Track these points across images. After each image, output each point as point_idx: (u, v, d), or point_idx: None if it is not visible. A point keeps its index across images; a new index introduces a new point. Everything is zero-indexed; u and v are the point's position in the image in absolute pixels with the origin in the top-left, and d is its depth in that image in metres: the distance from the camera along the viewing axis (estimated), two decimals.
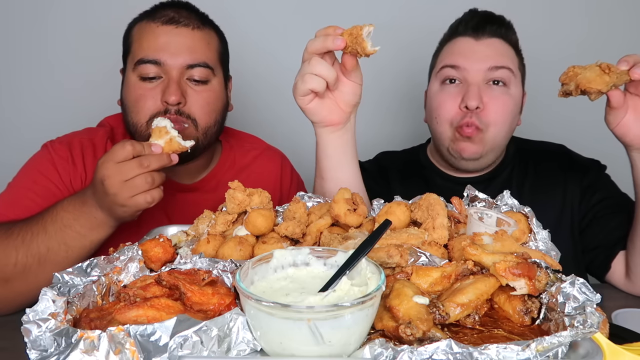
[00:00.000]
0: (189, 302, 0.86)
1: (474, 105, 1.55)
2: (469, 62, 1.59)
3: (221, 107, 1.59)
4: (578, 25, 2.34)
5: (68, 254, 1.27)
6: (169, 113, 1.45)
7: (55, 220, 1.27)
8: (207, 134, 1.54)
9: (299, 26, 2.22)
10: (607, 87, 1.19)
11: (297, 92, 1.25)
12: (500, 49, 1.61)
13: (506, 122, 1.61)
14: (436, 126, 1.66)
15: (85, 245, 1.29)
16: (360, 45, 1.12)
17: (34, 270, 1.27)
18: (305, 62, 1.22)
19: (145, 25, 1.52)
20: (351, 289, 0.77)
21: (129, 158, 1.20)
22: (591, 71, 1.20)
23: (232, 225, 1.20)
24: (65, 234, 1.26)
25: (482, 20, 1.63)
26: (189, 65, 1.49)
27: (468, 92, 1.57)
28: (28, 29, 2.26)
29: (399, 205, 1.11)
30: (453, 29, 1.69)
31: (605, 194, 1.63)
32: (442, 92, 1.64)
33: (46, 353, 0.72)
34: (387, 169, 1.80)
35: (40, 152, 1.54)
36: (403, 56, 2.33)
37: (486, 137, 1.59)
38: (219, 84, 1.58)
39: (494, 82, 1.59)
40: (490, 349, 0.69)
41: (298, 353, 0.73)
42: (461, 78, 1.61)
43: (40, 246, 1.26)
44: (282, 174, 1.81)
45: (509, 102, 1.60)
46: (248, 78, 2.26)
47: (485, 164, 1.67)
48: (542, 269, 0.85)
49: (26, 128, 2.27)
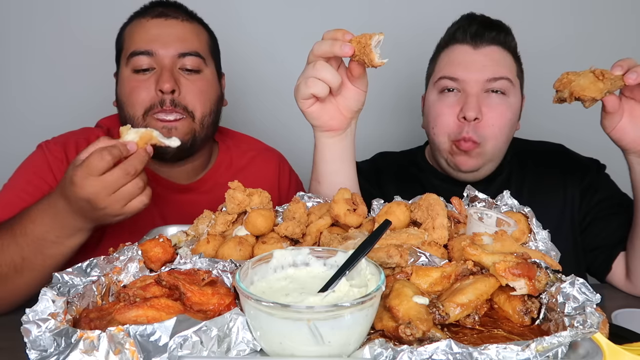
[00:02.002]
0: (189, 302, 0.86)
1: (473, 117, 1.54)
2: (467, 73, 1.57)
3: (215, 98, 1.60)
4: (580, 21, 2.33)
5: (45, 262, 1.23)
6: (164, 105, 1.46)
7: (25, 233, 1.22)
8: (204, 123, 1.54)
9: (300, 26, 2.22)
10: (601, 94, 1.18)
11: (298, 95, 1.23)
12: (498, 58, 1.59)
13: (504, 134, 1.60)
14: (434, 137, 1.65)
15: (63, 252, 1.24)
16: (368, 57, 1.10)
17: (12, 277, 1.24)
18: (310, 64, 1.19)
19: (136, 23, 1.55)
20: (351, 290, 0.77)
21: (110, 167, 1.14)
22: (585, 78, 1.18)
23: (232, 225, 1.20)
24: (39, 245, 1.21)
25: (480, 26, 1.60)
26: (180, 54, 1.50)
27: (467, 103, 1.55)
28: (25, 30, 2.26)
29: (399, 205, 1.11)
30: (450, 35, 1.65)
31: (605, 194, 1.63)
32: (440, 102, 1.62)
33: (46, 353, 0.72)
34: (382, 171, 1.79)
35: (36, 152, 1.54)
36: (403, 55, 2.32)
37: (484, 151, 1.59)
38: (212, 74, 1.60)
39: (493, 91, 1.58)
40: (490, 349, 0.69)
41: (298, 353, 0.73)
42: (459, 88, 1.59)
43: (14, 256, 1.22)
44: (280, 175, 1.80)
45: (507, 112, 1.58)
46: (247, 78, 2.26)
47: (484, 174, 1.67)
48: (542, 269, 0.85)
49: (24, 128, 2.26)
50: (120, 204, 1.16)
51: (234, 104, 1.75)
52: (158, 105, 1.47)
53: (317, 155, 1.36)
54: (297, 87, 1.23)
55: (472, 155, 1.59)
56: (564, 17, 2.35)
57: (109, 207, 1.15)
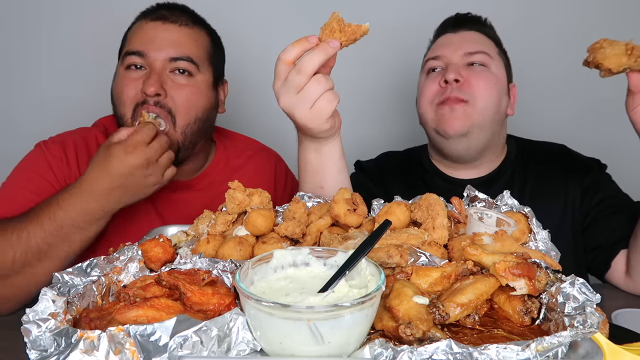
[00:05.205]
0: (189, 302, 0.86)
1: (452, 78, 1.58)
2: (447, 50, 1.66)
3: (203, 105, 1.56)
4: (574, 22, 2.34)
5: (70, 249, 1.30)
6: (147, 104, 1.46)
7: (54, 219, 1.28)
8: (186, 132, 1.52)
9: (300, 27, 2.22)
10: (619, 68, 1.18)
11: (324, 116, 1.15)
12: (476, 38, 1.69)
13: (492, 96, 1.60)
14: (419, 110, 1.69)
15: (88, 237, 1.33)
16: (355, 34, 1.12)
17: (34, 265, 1.28)
18: (313, 83, 1.12)
19: (137, 24, 1.57)
20: (351, 291, 0.77)
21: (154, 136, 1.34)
22: (614, 48, 1.19)
23: (232, 225, 1.19)
24: (67, 230, 1.28)
25: (460, 18, 1.74)
26: (172, 58, 1.50)
27: (447, 69, 1.61)
28: (25, 29, 2.26)
29: (399, 205, 1.11)
30: (435, 34, 1.78)
31: (606, 194, 1.63)
32: (425, 80, 1.69)
33: (46, 353, 0.72)
34: (387, 172, 1.79)
35: (34, 151, 1.54)
36: (404, 55, 2.33)
37: (471, 110, 1.57)
38: (204, 82, 1.57)
39: (473, 64, 1.63)
40: (490, 349, 0.69)
41: (298, 353, 0.73)
42: (442, 65, 1.65)
43: (40, 243, 1.27)
44: (277, 174, 1.80)
45: (490, 77, 1.62)
46: (245, 80, 2.25)
47: (472, 147, 1.62)
48: (542, 269, 0.85)
49: (22, 128, 2.26)
50: (161, 171, 1.35)
51: (233, 105, 1.75)
52: (141, 104, 1.48)
53: (325, 161, 1.32)
54: (316, 112, 1.14)
55: (458, 114, 1.56)
56: (563, 18, 2.35)
57: (153, 174, 1.33)
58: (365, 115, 2.38)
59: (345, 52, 1.29)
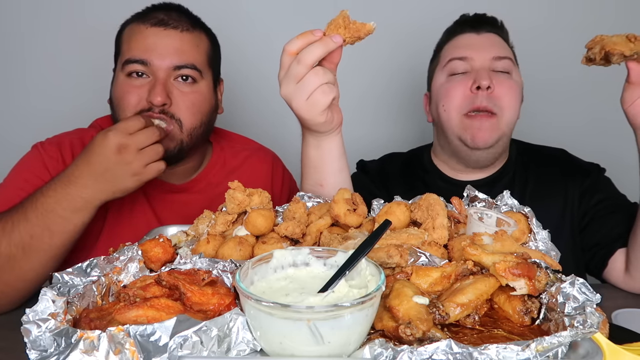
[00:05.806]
0: (189, 302, 0.86)
1: (486, 85, 1.55)
2: (475, 52, 1.63)
3: (207, 109, 1.58)
4: (578, 29, 2.33)
5: (52, 240, 1.28)
6: (153, 111, 1.46)
7: (35, 207, 1.27)
8: (192, 135, 1.53)
9: (300, 26, 2.21)
10: (631, 52, 1.21)
11: (319, 108, 1.16)
12: (499, 42, 1.68)
13: (516, 107, 1.63)
14: (444, 114, 1.64)
15: (69, 229, 1.29)
16: (359, 32, 1.10)
17: (19, 259, 1.27)
18: (312, 74, 1.12)
19: (135, 27, 1.53)
20: (350, 291, 0.77)
21: (141, 128, 1.30)
22: (616, 37, 1.23)
23: (232, 225, 1.20)
24: (47, 219, 1.27)
25: (478, 19, 1.71)
26: (176, 67, 1.49)
27: (478, 74, 1.58)
28: (23, 29, 2.26)
29: (399, 205, 1.11)
30: (451, 31, 1.73)
31: (604, 195, 1.64)
32: (450, 82, 1.64)
33: (46, 353, 0.72)
34: (389, 174, 1.79)
35: (31, 152, 1.54)
36: (403, 54, 2.33)
37: (500, 123, 1.58)
38: (207, 87, 1.58)
39: (499, 71, 1.62)
40: (490, 349, 0.69)
41: (298, 353, 0.73)
42: (468, 68, 1.63)
43: (23, 234, 1.27)
44: (274, 174, 1.80)
45: (515, 86, 1.63)
46: (242, 79, 2.25)
47: (493, 156, 1.65)
48: (542, 269, 0.85)
49: (20, 128, 2.26)
50: (143, 161, 1.29)
51: (229, 105, 1.74)
52: (145, 112, 1.46)
53: (325, 158, 1.33)
54: (310, 103, 1.15)
55: (486, 127, 1.57)
56: (566, 25, 2.35)
57: (134, 162, 1.28)
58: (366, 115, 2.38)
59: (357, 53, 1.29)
